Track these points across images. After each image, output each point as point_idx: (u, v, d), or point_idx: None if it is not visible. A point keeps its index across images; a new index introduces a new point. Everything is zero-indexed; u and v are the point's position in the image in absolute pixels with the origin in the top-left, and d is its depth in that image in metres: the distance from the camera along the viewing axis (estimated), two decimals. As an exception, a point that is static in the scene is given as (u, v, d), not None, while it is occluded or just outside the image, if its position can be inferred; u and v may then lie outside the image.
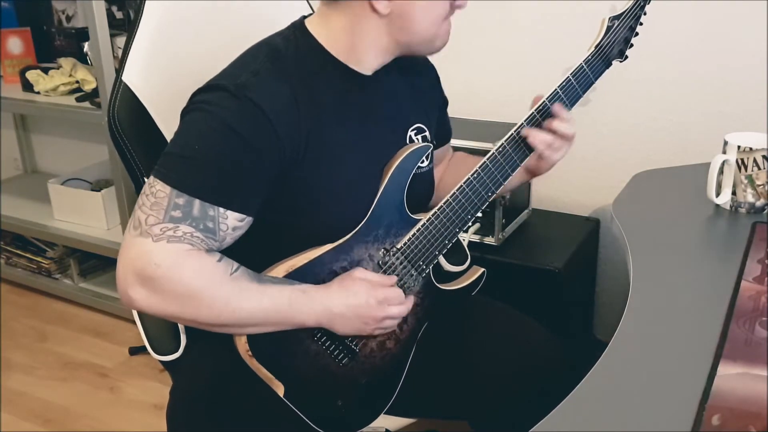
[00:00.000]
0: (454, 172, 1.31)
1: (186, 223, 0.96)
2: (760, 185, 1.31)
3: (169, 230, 0.95)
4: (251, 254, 1.04)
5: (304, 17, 1.11)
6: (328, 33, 1.07)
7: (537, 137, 1.15)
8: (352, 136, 1.09)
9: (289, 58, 1.05)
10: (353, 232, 1.08)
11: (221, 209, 0.97)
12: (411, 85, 1.21)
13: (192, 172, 0.97)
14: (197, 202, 0.96)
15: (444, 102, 1.32)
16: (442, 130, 1.32)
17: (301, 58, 1.06)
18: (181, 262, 0.95)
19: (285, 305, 1.01)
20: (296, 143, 1.02)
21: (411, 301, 1.13)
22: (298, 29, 1.09)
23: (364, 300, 1.06)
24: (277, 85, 1.02)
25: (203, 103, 1.01)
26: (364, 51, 1.08)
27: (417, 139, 1.19)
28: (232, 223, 0.99)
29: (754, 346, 0.93)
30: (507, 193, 1.73)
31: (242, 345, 1.05)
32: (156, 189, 0.97)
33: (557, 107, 1.16)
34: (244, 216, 1.00)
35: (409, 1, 1.03)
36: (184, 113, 1.03)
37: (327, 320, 1.05)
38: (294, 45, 1.07)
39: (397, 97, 1.17)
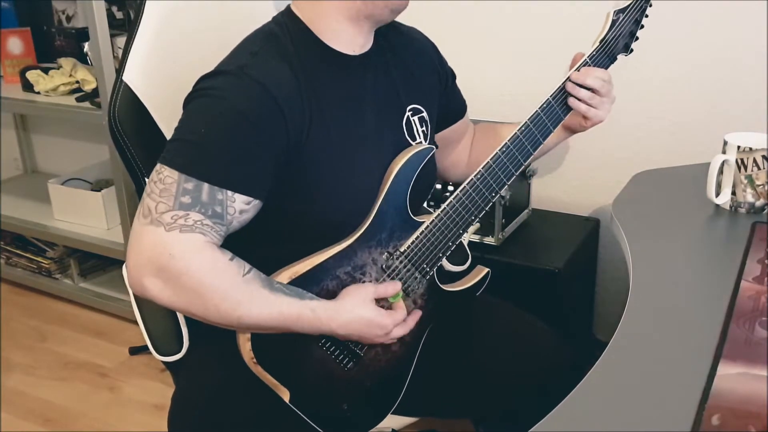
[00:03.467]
0: (482, 147, 1.30)
1: (196, 209, 0.95)
2: (759, 185, 1.31)
3: (180, 218, 0.94)
4: (258, 250, 1.03)
5: (290, 5, 1.12)
6: (306, 12, 1.08)
7: (578, 93, 1.18)
8: (350, 117, 1.09)
9: (283, 41, 1.06)
10: (356, 236, 1.08)
11: (229, 192, 0.97)
12: (405, 66, 1.19)
13: (199, 156, 0.97)
14: (206, 186, 0.96)
15: (451, 76, 1.30)
16: (454, 105, 1.31)
17: (293, 40, 1.07)
18: (194, 256, 0.95)
19: (293, 319, 1.00)
20: (300, 120, 1.02)
21: (414, 317, 1.13)
22: (287, 15, 1.10)
23: (371, 329, 1.05)
24: (277, 62, 1.03)
25: (206, 89, 1.01)
26: (336, 24, 1.07)
27: (414, 120, 1.18)
28: (240, 206, 0.99)
29: (754, 346, 0.94)
30: (507, 193, 1.74)
31: (247, 352, 1.04)
32: (164, 175, 0.97)
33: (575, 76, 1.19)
34: (251, 199, 1.00)
35: None
36: (188, 101, 1.03)
37: (330, 335, 1.06)
38: (286, 29, 1.08)
39: (390, 79, 1.16)
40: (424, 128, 1.20)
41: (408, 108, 1.18)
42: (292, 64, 1.04)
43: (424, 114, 1.20)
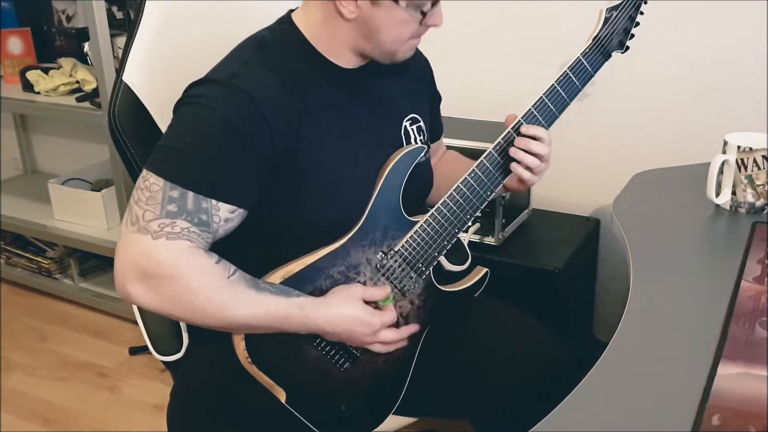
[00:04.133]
0: (444, 170, 1.30)
1: (182, 217, 0.96)
2: (759, 185, 1.31)
3: (167, 226, 0.95)
4: (250, 253, 1.04)
5: (291, 11, 1.12)
6: (309, 26, 1.08)
7: (524, 159, 1.14)
8: (345, 126, 1.09)
9: (275, 50, 1.06)
10: (349, 235, 1.08)
11: (213, 201, 0.98)
12: (403, 75, 1.20)
13: (185, 165, 0.98)
14: (191, 194, 0.96)
15: (437, 98, 1.32)
16: (434, 127, 1.32)
17: (287, 49, 1.07)
18: (180, 261, 0.95)
19: (280, 317, 1.01)
20: (287, 131, 1.02)
21: (408, 330, 1.13)
22: (285, 22, 1.10)
23: (359, 326, 1.05)
24: (266, 73, 1.03)
25: (195, 96, 1.02)
26: (339, 48, 1.08)
27: (412, 129, 1.18)
28: (225, 215, 0.99)
29: (754, 346, 0.93)
30: (507, 193, 1.73)
31: (241, 352, 1.04)
32: (150, 182, 0.97)
33: (529, 129, 1.14)
34: (236, 208, 1.00)
35: (375, 15, 1.03)
36: (177, 107, 1.04)
37: (318, 333, 1.06)
38: (280, 37, 1.08)
39: (389, 88, 1.17)
40: (421, 137, 1.21)
41: (406, 117, 1.18)
42: (282, 74, 1.04)
43: (421, 124, 1.21)
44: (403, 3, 1.02)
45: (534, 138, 1.14)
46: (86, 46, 2.43)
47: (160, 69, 1.23)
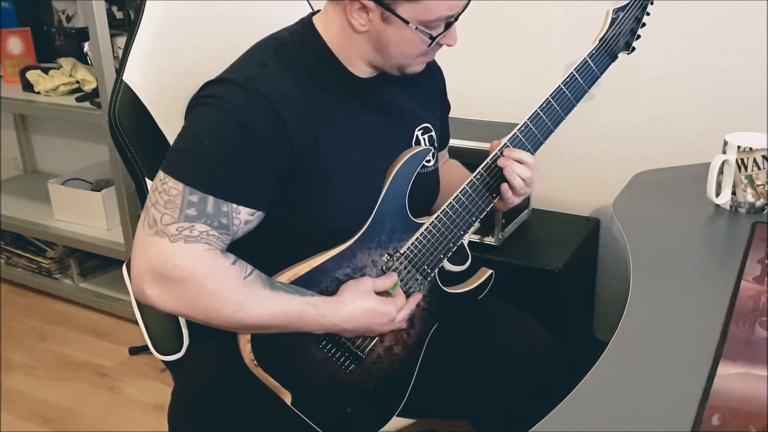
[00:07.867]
0: (445, 178, 1.31)
1: (201, 221, 0.96)
2: (759, 185, 1.31)
3: (185, 230, 0.95)
4: (260, 253, 1.04)
5: (313, 14, 1.12)
6: (328, 32, 1.08)
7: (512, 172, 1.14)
8: (358, 132, 1.09)
9: (295, 52, 1.06)
10: (355, 238, 1.08)
11: (234, 205, 0.98)
12: (417, 85, 1.21)
13: (204, 169, 0.97)
14: (211, 198, 0.96)
15: (447, 108, 1.32)
16: (442, 135, 1.32)
17: (306, 53, 1.07)
18: (197, 264, 0.95)
19: (294, 316, 1.01)
20: (305, 134, 1.02)
21: (415, 299, 1.13)
22: (306, 25, 1.10)
23: (377, 318, 1.06)
24: (285, 76, 1.03)
25: (211, 97, 1.01)
26: (353, 57, 1.09)
27: (423, 138, 1.19)
28: (245, 217, 1.00)
29: (754, 346, 0.94)
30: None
31: (247, 354, 1.04)
32: (168, 186, 0.97)
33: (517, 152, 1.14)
34: (255, 210, 1.01)
35: (385, 31, 1.03)
36: (192, 107, 1.04)
37: (335, 331, 1.06)
38: (300, 39, 1.08)
39: (402, 97, 1.17)
40: (432, 146, 1.20)
41: (418, 127, 1.18)
42: (301, 78, 1.04)
43: (433, 133, 1.21)
44: (412, 25, 1.02)
45: (519, 161, 1.14)
46: (86, 46, 2.43)
47: (161, 69, 1.23)
